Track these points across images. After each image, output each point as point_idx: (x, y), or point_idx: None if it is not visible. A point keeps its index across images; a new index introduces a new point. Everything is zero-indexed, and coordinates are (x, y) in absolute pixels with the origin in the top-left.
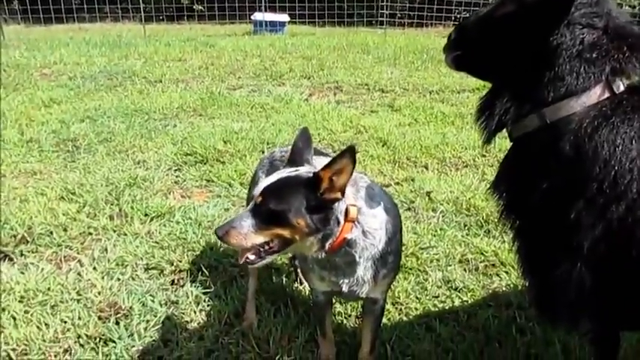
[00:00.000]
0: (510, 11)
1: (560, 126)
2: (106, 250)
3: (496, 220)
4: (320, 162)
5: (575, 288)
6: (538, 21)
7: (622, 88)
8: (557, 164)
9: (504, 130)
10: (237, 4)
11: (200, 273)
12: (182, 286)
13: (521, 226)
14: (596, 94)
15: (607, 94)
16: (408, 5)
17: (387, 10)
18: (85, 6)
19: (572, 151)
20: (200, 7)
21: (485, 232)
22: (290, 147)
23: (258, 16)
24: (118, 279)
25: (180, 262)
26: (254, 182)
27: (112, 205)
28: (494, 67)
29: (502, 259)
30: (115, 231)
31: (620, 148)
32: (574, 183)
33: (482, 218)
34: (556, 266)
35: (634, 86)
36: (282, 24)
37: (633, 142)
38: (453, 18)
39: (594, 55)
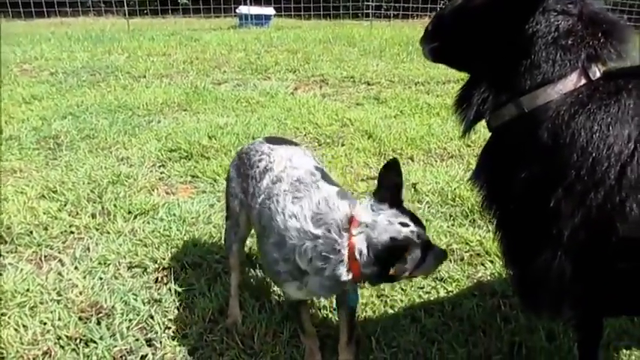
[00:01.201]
0: (486, 0)
1: (537, 114)
2: (88, 248)
3: (480, 209)
4: (290, 152)
5: (556, 276)
6: (513, 9)
7: (598, 75)
8: (536, 153)
9: (483, 120)
10: None
11: (184, 270)
12: (165, 284)
13: (502, 216)
14: (572, 81)
15: (583, 81)
16: None
17: (372, 1)
18: (67, 0)
19: (550, 139)
20: (185, 1)
21: (470, 221)
22: (258, 141)
23: (243, 9)
24: (100, 278)
25: (164, 259)
26: (228, 177)
27: (94, 203)
28: (471, 57)
29: (487, 249)
30: (97, 229)
31: (597, 134)
32: (553, 171)
33: (468, 208)
34: (537, 255)
35: (609, 72)
36: (268, 17)
37: (610, 128)
38: (438, 9)
39: (570, 42)
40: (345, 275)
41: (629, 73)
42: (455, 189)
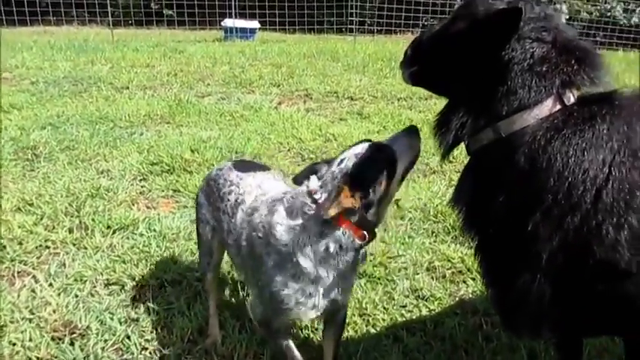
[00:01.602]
0: (462, 27)
1: (514, 139)
2: (64, 264)
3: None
4: (259, 179)
5: (535, 299)
6: (489, 36)
7: (572, 100)
8: (514, 177)
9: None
10: (207, 10)
11: (163, 288)
12: (143, 302)
13: (481, 239)
14: (547, 106)
15: (558, 106)
16: (377, 13)
17: (356, 17)
18: (51, 9)
19: (527, 163)
20: (170, 13)
21: (452, 238)
22: (226, 166)
23: (228, 22)
24: (76, 296)
25: (143, 276)
26: (198, 204)
27: (72, 217)
28: (450, 82)
29: (468, 266)
30: (74, 244)
31: (573, 159)
32: (530, 195)
33: (450, 225)
34: (517, 278)
35: (584, 98)
36: (253, 30)
37: (585, 153)
38: (420, 25)
39: (544, 69)
40: (349, 238)
41: (602, 98)
42: (437, 205)
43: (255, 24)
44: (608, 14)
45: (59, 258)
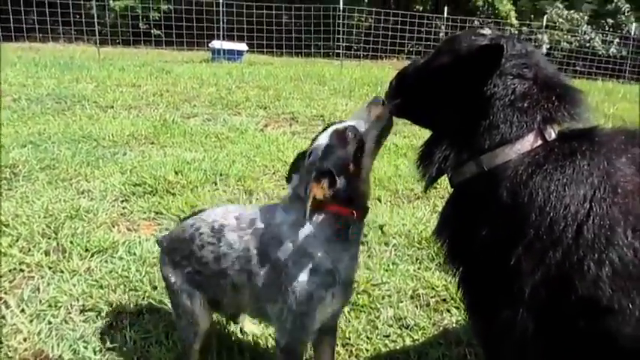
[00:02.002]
0: (446, 62)
1: (497, 173)
2: (38, 289)
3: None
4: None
5: (518, 333)
6: (471, 72)
7: (553, 136)
8: (496, 211)
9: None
10: (195, 32)
11: (141, 315)
12: (120, 330)
13: (464, 271)
14: (529, 141)
15: (539, 142)
16: (363, 38)
17: (343, 42)
18: (37, 25)
19: (510, 197)
20: (158, 32)
21: (436, 265)
22: (190, 230)
23: (216, 44)
24: (49, 322)
25: (121, 303)
26: (165, 278)
27: (49, 238)
28: (433, 115)
29: (452, 294)
30: (50, 267)
31: (554, 194)
32: (513, 229)
33: (434, 251)
34: (500, 312)
35: (564, 134)
36: (240, 53)
37: (566, 188)
38: (406, 51)
39: (526, 105)
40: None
41: (582, 135)
42: (421, 231)
43: (243, 46)
44: (588, 45)
45: (33, 282)
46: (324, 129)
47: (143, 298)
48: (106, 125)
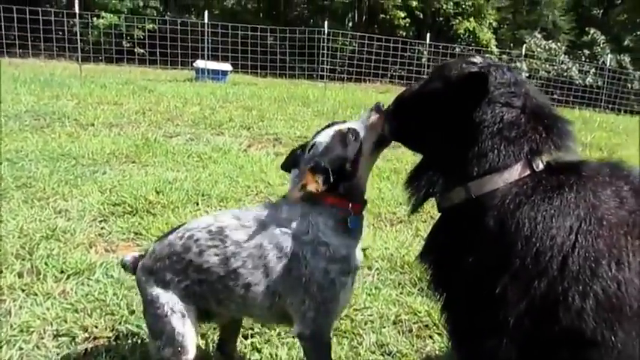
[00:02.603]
0: (436, 88)
1: (484, 200)
2: (10, 313)
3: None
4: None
5: None
6: (460, 98)
7: (541, 167)
8: (483, 238)
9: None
10: (179, 51)
11: (118, 340)
12: (95, 357)
13: (448, 297)
14: (517, 171)
15: (527, 172)
16: (347, 61)
17: (327, 64)
18: (17, 41)
19: (497, 226)
20: (142, 51)
21: (419, 290)
22: (179, 245)
23: (200, 63)
24: (20, 349)
25: (96, 327)
26: (151, 302)
27: (23, 259)
28: (424, 139)
29: (435, 320)
30: (23, 290)
31: (541, 225)
32: (499, 257)
33: (416, 276)
34: (483, 340)
35: (552, 166)
36: (225, 73)
37: (553, 219)
38: (389, 75)
39: (513, 134)
40: (338, 210)
41: (569, 167)
42: (404, 255)
43: (227, 66)
44: (565, 74)
45: (5, 305)
46: (327, 126)
47: (120, 322)
48: (86, 143)
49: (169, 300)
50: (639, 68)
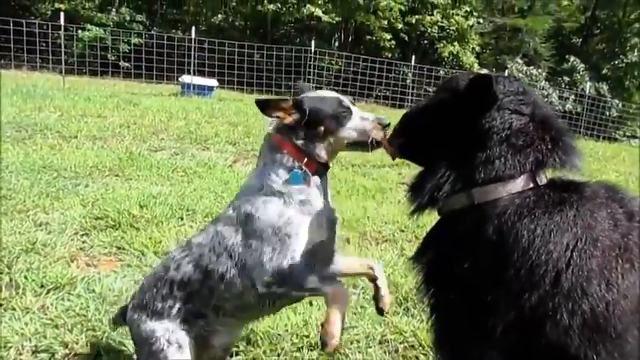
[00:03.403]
0: (444, 97)
1: (486, 208)
2: None
3: (415, 297)
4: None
5: None
6: (468, 104)
7: (544, 181)
8: (480, 245)
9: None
10: (165, 65)
11: (99, 357)
12: None
13: (437, 301)
14: (520, 183)
15: (531, 185)
16: (333, 80)
17: (313, 83)
18: (0, 52)
19: (495, 235)
20: (127, 65)
21: (404, 310)
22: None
23: (186, 78)
24: None
25: (77, 343)
26: (147, 336)
27: (1, 273)
28: (432, 150)
29: (421, 340)
30: (1, 305)
31: (539, 239)
32: (494, 266)
33: (402, 295)
34: (469, 349)
35: (555, 182)
36: (211, 88)
37: (551, 235)
38: (374, 95)
39: (520, 142)
40: (292, 161)
41: (571, 186)
42: (389, 275)
43: (213, 82)
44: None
45: None
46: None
47: (102, 338)
48: (69, 156)
49: (165, 331)
50: (617, 96)
